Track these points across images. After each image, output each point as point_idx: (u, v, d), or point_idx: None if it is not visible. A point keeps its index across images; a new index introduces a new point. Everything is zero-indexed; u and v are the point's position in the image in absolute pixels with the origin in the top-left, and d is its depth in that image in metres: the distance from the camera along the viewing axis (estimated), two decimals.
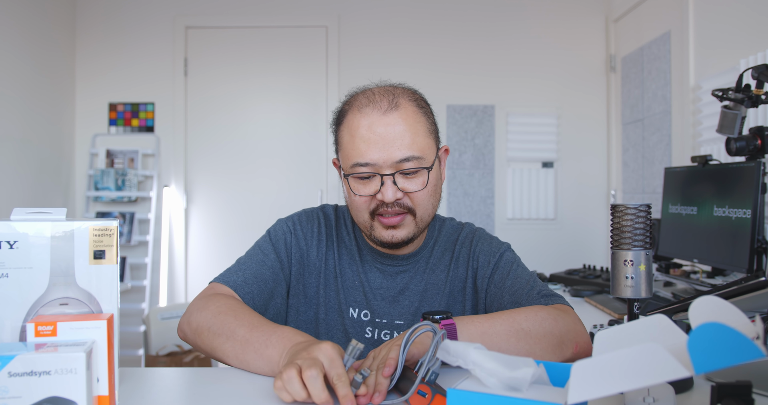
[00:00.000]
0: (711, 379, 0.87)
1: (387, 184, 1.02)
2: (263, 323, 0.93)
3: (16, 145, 3.04)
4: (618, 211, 0.87)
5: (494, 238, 1.21)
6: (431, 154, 1.07)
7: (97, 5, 3.62)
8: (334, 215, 1.21)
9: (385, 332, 1.13)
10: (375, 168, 1.03)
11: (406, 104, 1.06)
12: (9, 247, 0.76)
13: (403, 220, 1.06)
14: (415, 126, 1.05)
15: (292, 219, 1.20)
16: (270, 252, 1.14)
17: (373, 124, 1.03)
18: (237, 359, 0.92)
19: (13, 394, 0.67)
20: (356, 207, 1.08)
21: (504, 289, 1.11)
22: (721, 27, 2.39)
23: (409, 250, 1.16)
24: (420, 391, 0.74)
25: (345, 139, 1.07)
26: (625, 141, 3.36)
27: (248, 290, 1.07)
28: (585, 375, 0.56)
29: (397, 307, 1.14)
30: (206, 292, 1.06)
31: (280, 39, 3.62)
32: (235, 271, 1.10)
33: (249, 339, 0.90)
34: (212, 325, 0.96)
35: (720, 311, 0.60)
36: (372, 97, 1.06)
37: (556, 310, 1.00)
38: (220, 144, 3.62)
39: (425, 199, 1.06)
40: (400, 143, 1.02)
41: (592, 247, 3.56)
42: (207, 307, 0.99)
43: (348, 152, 1.05)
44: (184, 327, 1.02)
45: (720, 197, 1.76)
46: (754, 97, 1.67)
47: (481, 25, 3.59)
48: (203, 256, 3.62)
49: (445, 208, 3.56)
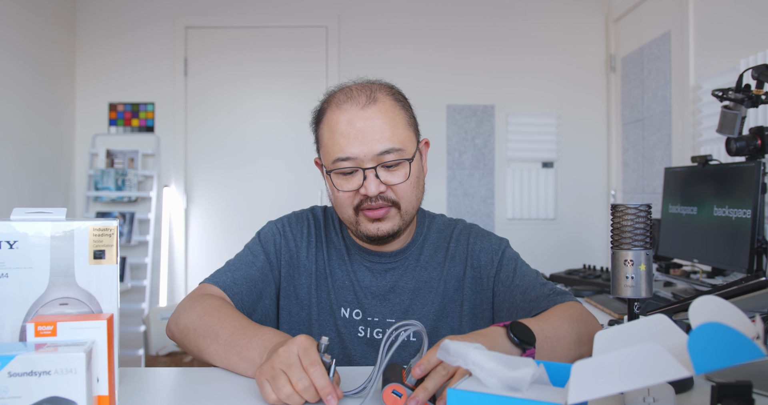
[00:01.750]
0: (711, 379, 0.87)
1: (369, 177, 1.03)
2: (245, 326, 0.94)
3: (16, 145, 3.04)
4: (618, 211, 0.87)
5: (491, 234, 1.21)
6: (411, 146, 1.08)
7: (97, 5, 3.62)
8: (323, 216, 1.22)
9: (377, 331, 1.13)
10: (356, 162, 1.03)
11: (383, 98, 1.07)
12: (9, 247, 0.76)
13: (388, 213, 1.06)
14: (394, 119, 1.06)
15: (281, 221, 1.20)
16: (259, 253, 1.15)
17: (352, 118, 1.04)
18: (221, 362, 0.93)
19: (13, 394, 0.67)
20: (340, 203, 1.08)
21: (514, 287, 1.11)
22: (721, 27, 2.39)
23: (397, 247, 1.16)
24: (395, 391, 0.74)
25: (325, 136, 1.08)
26: (625, 141, 3.36)
27: (237, 291, 1.08)
28: (585, 375, 0.56)
29: (387, 305, 1.14)
30: (195, 292, 1.07)
31: (280, 39, 3.62)
32: (224, 272, 1.11)
33: (231, 342, 0.92)
34: (198, 326, 0.97)
35: (720, 311, 0.60)
36: (350, 93, 1.07)
37: (580, 308, 1.03)
38: (220, 144, 3.62)
39: (408, 191, 1.07)
40: (380, 136, 1.03)
41: (592, 247, 3.56)
42: (194, 308, 1.00)
43: (329, 149, 1.06)
44: (172, 327, 1.04)
45: (720, 197, 1.76)
46: (754, 97, 1.66)
47: (481, 25, 3.59)
48: (203, 256, 3.62)
49: (446, 208, 3.56)
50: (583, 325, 0.98)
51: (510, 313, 1.10)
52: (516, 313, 1.08)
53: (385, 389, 0.75)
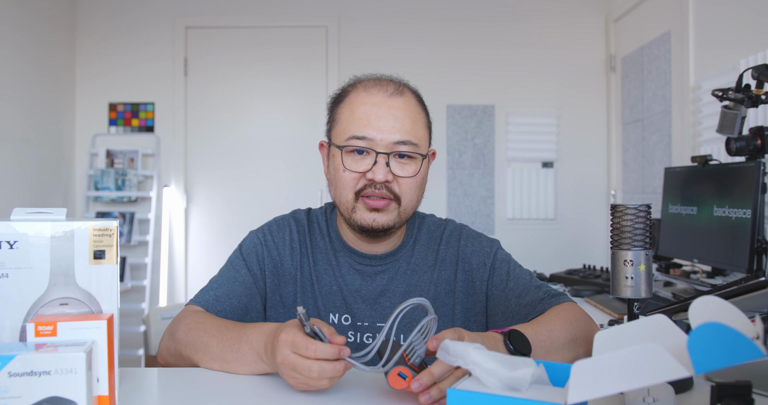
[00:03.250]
0: (711, 379, 0.87)
1: (380, 163, 1.02)
2: (229, 332, 0.93)
3: (16, 145, 3.04)
4: (618, 211, 0.87)
5: (482, 235, 1.19)
6: (425, 147, 1.09)
7: (97, 5, 3.62)
8: (306, 220, 1.18)
9: (367, 335, 1.10)
10: (371, 144, 1.02)
11: (410, 95, 1.08)
12: (9, 247, 0.76)
13: (388, 206, 1.04)
14: (416, 116, 1.06)
15: (262, 230, 1.17)
16: (241, 267, 1.12)
17: (378, 103, 1.04)
18: (223, 368, 0.93)
19: (13, 394, 0.67)
20: (343, 184, 1.05)
21: (508, 291, 1.09)
22: (721, 27, 2.39)
23: (387, 249, 1.13)
24: (400, 373, 0.74)
25: (344, 114, 1.07)
26: (625, 141, 3.36)
27: (221, 308, 1.05)
28: (585, 375, 0.56)
29: (378, 309, 1.11)
30: (179, 314, 1.05)
31: (280, 39, 3.62)
32: (207, 291, 1.09)
33: (224, 357, 0.91)
34: (187, 342, 0.96)
35: (720, 311, 0.60)
36: (379, 81, 1.08)
37: (575, 310, 1.03)
38: (220, 144, 3.62)
39: (413, 188, 1.06)
40: (401, 126, 1.03)
41: (592, 247, 3.56)
42: (179, 328, 1.00)
43: (345, 126, 1.05)
44: (163, 352, 1.02)
45: (720, 197, 1.76)
46: (754, 97, 1.66)
47: (481, 25, 3.59)
48: (203, 256, 3.62)
49: (445, 208, 3.56)
50: (578, 326, 0.98)
51: (505, 318, 1.09)
52: (511, 317, 1.07)
53: (390, 372, 0.75)
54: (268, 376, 0.90)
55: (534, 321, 0.97)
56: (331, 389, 0.84)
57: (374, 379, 0.89)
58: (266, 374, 0.91)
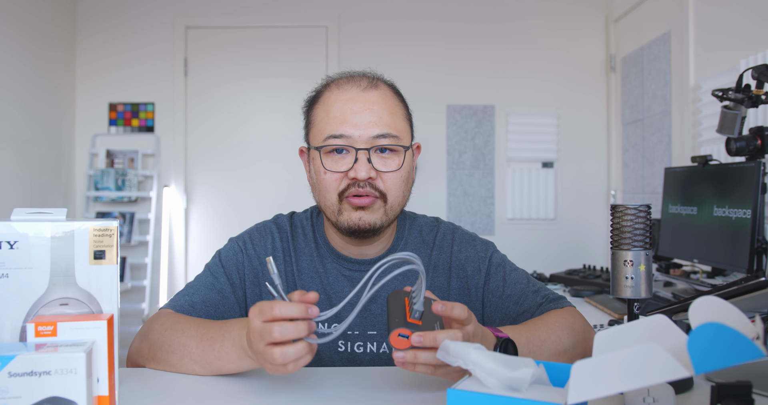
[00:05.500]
0: (711, 379, 0.87)
1: (361, 159, 0.97)
2: (209, 330, 0.90)
3: (16, 145, 3.04)
4: (618, 212, 0.87)
5: (475, 238, 1.14)
6: (407, 139, 1.04)
7: (97, 6, 3.62)
8: (289, 225, 1.13)
9: (358, 344, 1.06)
10: (350, 141, 0.98)
11: (385, 87, 1.05)
12: (9, 247, 0.76)
13: (373, 204, 0.99)
14: (393, 108, 1.03)
15: (242, 238, 1.12)
16: (220, 275, 1.07)
17: (352, 98, 1.00)
18: (205, 370, 0.90)
19: (13, 394, 0.67)
20: (325, 187, 1.01)
21: (505, 298, 1.06)
22: (721, 27, 2.39)
23: (377, 252, 1.09)
24: (401, 334, 0.73)
25: (319, 115, 1.03)
26: (625, 141, 3.36)
27: (195, 315, 1.01)
28: (585, 375, 0.56)
29: (368, 316, 1.06)
30: (152, 317, 1.01)
31: (280, 39, 3.62)
32: (183, 295, 1.04)
33: (206, 357, 0.88)
34: (162, 343, 0.92)
35: (720, 311, 0.60)
36: (352, 77, 1.05)
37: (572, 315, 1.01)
38: (220, 144, 3.62)
39: (398, 183, 1.01)
40: (378, 120, 0.99)
41: (592, 247, 3.56)
42: (152, 329, 0.96)
43: (322, 127, 1.01)
44: (134, 357, 0.97)
45: (720, 197, 1.76)
46: (754, 97, 1.66)
47: (482, 25, 3.59)
48: (203, 257, 3.61)
49: (445, 208, 3.56)
50: (573, 333, 0.97)
51: (503, 324, 1.06)
52: (509, 324, 1.05)
53: (391, 334, 0.74)
54: (269, 375, 0.90)
55: (529, 326, 0.95)
56: (331, 389, 0.84)
57: (374, 379, 0.89)
58: (267, 374, 0.91)
